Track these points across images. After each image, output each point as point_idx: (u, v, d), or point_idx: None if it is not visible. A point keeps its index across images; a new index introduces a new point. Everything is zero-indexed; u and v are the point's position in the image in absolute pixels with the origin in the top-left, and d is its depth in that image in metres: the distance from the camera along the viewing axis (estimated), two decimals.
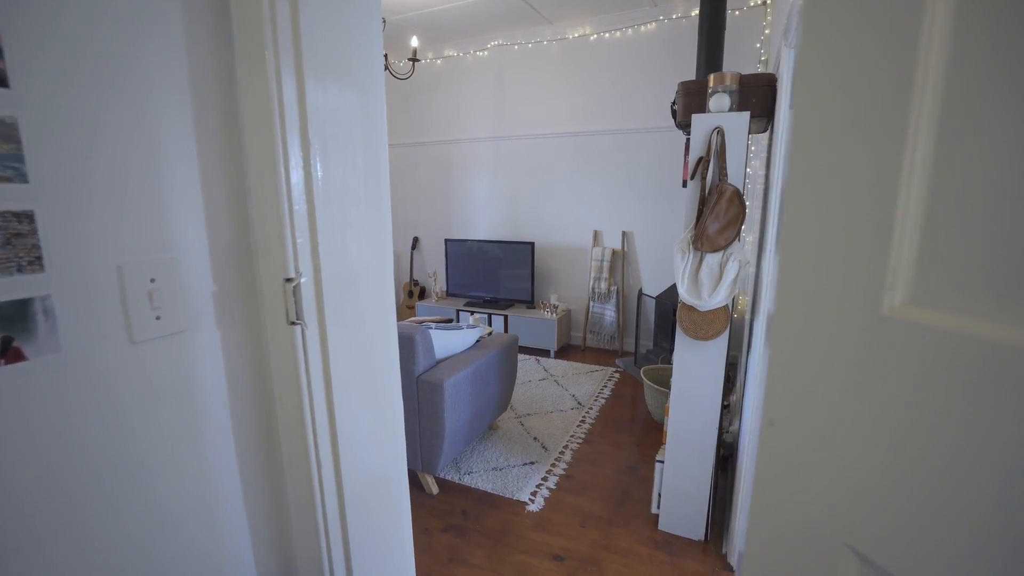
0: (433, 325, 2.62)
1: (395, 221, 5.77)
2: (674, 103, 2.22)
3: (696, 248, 1.86)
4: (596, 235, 4.69)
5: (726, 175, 1.81)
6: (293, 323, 0.95)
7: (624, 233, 4.55)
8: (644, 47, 4.20)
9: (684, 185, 2.09)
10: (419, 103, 5.31)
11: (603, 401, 3.62)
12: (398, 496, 1.27)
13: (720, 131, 1.81)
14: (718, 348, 1.96)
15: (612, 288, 4.58)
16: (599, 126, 4.48)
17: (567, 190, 4.74)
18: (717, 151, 1.82)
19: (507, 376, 2.94)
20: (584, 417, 3.36)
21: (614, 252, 4.57)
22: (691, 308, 1.93)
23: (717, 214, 1.80)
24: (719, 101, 1.83)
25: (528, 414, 3.38)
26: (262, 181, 0.92)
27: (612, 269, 4.59)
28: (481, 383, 2.62)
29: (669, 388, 3.41)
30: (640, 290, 4.18)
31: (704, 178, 1.85)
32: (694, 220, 1.88)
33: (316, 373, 0.99)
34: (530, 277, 4.71)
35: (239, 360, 1.00)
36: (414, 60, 3.69)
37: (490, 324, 4.80)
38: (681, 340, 2.01)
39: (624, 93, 4.34)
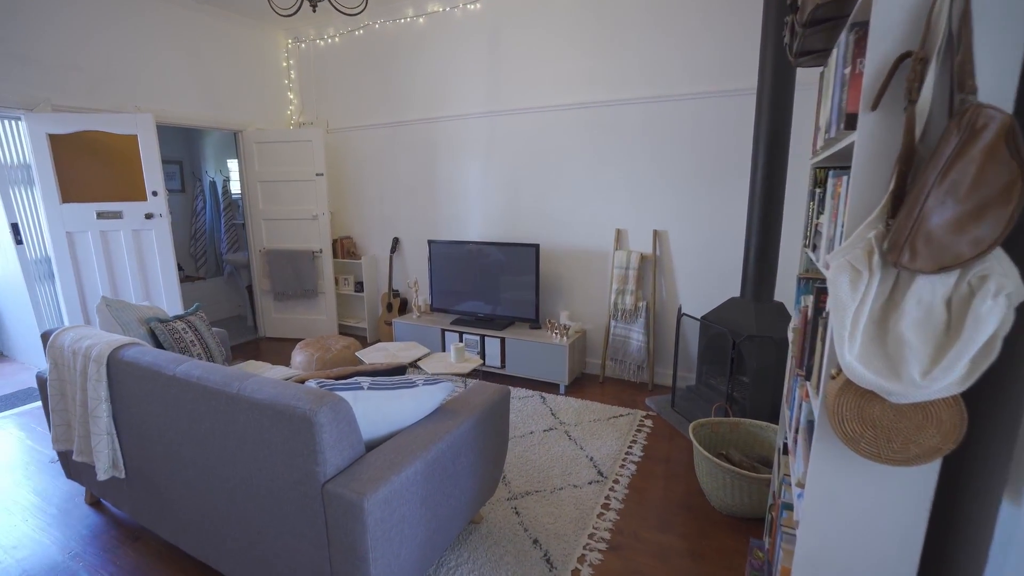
0: (365, 381, 1.60)
1: (372, 219, 4.77)
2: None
3: (892, 262, 0.81)
4: (619, 235, 3.65)
5: (973, 89, 0.76)
6: None
7: (656, 233, 3.50)
8: None
9: (846, 127, 1.04)
10: (399, 73, 4.31)
11: (633, 467, 2.58)
12: None
13: None
14: (921, 481, 0.92)
15: (640, 304, 3.53)
16: (623, 94, 3.44)
17: (581, 177, 3.70)
18: (951, 35, 0.78)
19: (491, 456, 1.91)
20: (608, 498, 2.32)
21: (642, 257, 3.53)
22: (868, 394, 0.88)
23: (956, 184, 0.75)
24: None
25: (526, 493, 2.35)
26: None
27: (640, 279, 3.54)
28: (443, 483, 1.59)
29: (734, 461, 2.32)
30: (679, 308, 3.13)
31: (914, 101, 0.81)
32: (885, 201, 0.84)
33: None
34: (534, 289, 3.68)
35: None
36: None
37: (483, 350, 3.77)
38: (827, 451, 0.97)
39: (656, 50, 3.29)
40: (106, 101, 3.56)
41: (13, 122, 3.26)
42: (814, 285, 1.12)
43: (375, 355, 3.04)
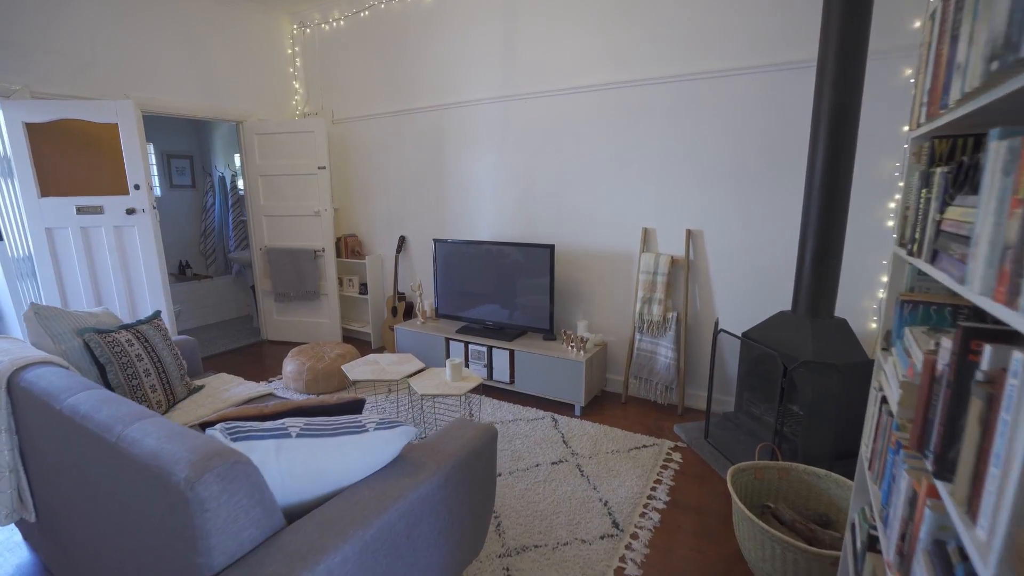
0: (296, 424, 1.21)
1: (378, 216, 4.44)
2: None
3: None
4: (646, 235, 3.18)
5: None
6: None
7: (689, 233, 3.02)
8: None
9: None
10: (406, 57, 3.95)
11: (655, 517, 2.12)
12: None
13: None
14: None
15: (669, 315, 3.05)
16: (652, 71, 2.97)
17: (603, 169, 3.25)
18: None
19: (470, 517, 1.50)
20: (623, 559, 1.88)
21: (673, 261, 3.05)
22: None
23: None
24: None
25: (524, 548, 1.93)
26: None
27: (670, 287, 3.06)
28: (392, 566, 1.19)
29: (784, 520, 1.85)
30: (716, 322, 2.65)
31: None
32: None
33: None
34: (548, 295, 3.25)
35: None
36: None
37: (490, 362, 3.37)
38: None
39: (692, 18, 2.81)
40: (91, 88, 3.33)
41: None
42: (951, 318, 0.66)
43: (362, 369, 2.68)
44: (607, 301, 3.40)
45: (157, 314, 2.30)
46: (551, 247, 3.19)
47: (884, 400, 1.11)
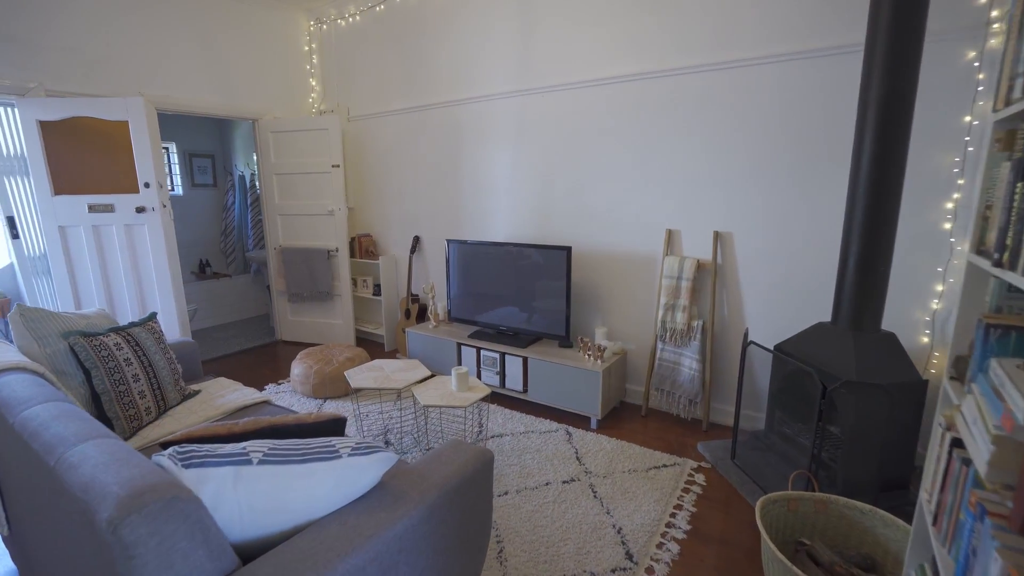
0: (260, 448, 1.08)
1: (392, 215, 4.33)
2: None
3: None
4: (670, 237, 2.97)
5: None
6: None
7: (717, 235, 2.80)
8: None
9: None
10: (421, 52, 3.82)
11: (674, 549, 1.92)
12: None
13: None
14: None
15: (694, 324, 2.83)
16: (678, 61, 2.76)
17: (625, 166, 3.05)
18: None
19: (461, 552, 1.34)
20: None
21: (699, 265, 2.83)
22: None
23: None
24: None
25: None
26: None
27: (695, 293, 2.85)
28: None
29: (821, 562, 1.57)
30: (746, 333, 2.42)
31: None
32: None
33: None
34: (565, 299, 3.07)
35: None
36: None
37: (503, 370, 3.21)
38: None
39: (723, 0, 2.59)
40: (104, 86, 3.31)
41: (8, 109, 3.07)
42: None
43: (365, 376, 2.56)
44: (628, 307, 3.19)
45: (153, 316, 2.22)
46: (568, 249, 3.00)
47: (956, 443, 0.90)
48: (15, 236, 3.22)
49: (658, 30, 2.80)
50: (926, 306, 2.31)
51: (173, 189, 5.48)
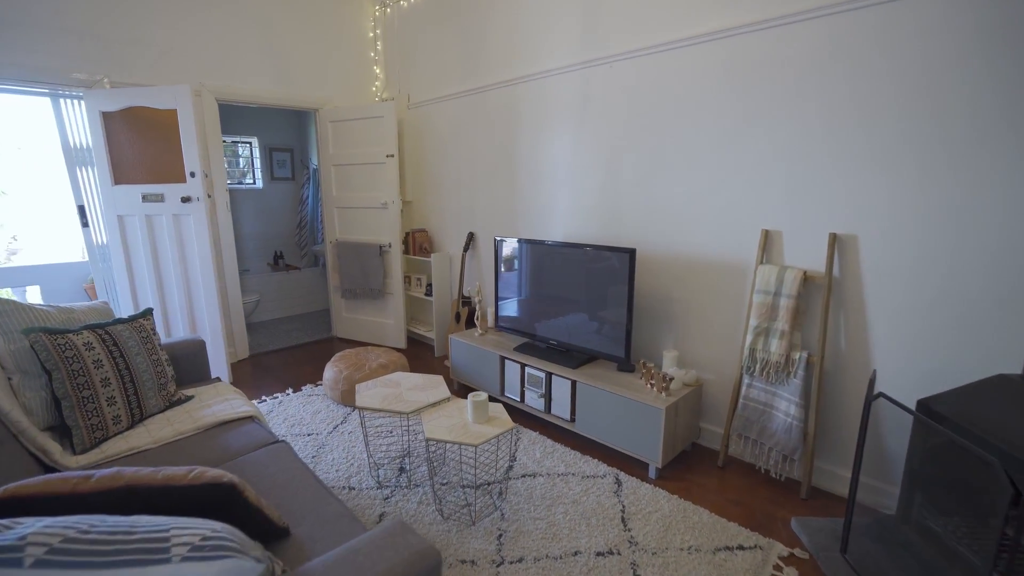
0: (50, 539, 0.72)
1: (449, 209, 4.00)
2: None
3: None
4: (767, 240, 2.28)
5: None
6: None
7: (835, 239, 2.07)
8: None
9: None
10: (480, 27, 3.43)
11: None
12: None
13: None
14: None
15: (796, 355, 2.13)
16: (787, 6, 2.07)
17: (710, 148, 2.41)
18: None
19: None
20: None
21: (806, 278, 2.12)
22: None
23: None
24: None
25: None
26: None
27: (799, 314, 2.14)
28: None
29: None
30: (873, 376, 1.70)
31: None
32: None
33: None
34: (626, 312, 2.50)
35: None
36: None
37: (548, 392, 2.71)
38: None
39: None
40: (167, 77, 3.32)
41: (77, 101, 3.16)
42: None
43: (374, 393, 2.20)
44: (706, 327, 2.54)
45: (147, 312, 2.03)
46: (632, 251, 2.43)
47: None
48: (85, 224, 3.33)
49: None
50: None
51: (254, 182, 5.65)
